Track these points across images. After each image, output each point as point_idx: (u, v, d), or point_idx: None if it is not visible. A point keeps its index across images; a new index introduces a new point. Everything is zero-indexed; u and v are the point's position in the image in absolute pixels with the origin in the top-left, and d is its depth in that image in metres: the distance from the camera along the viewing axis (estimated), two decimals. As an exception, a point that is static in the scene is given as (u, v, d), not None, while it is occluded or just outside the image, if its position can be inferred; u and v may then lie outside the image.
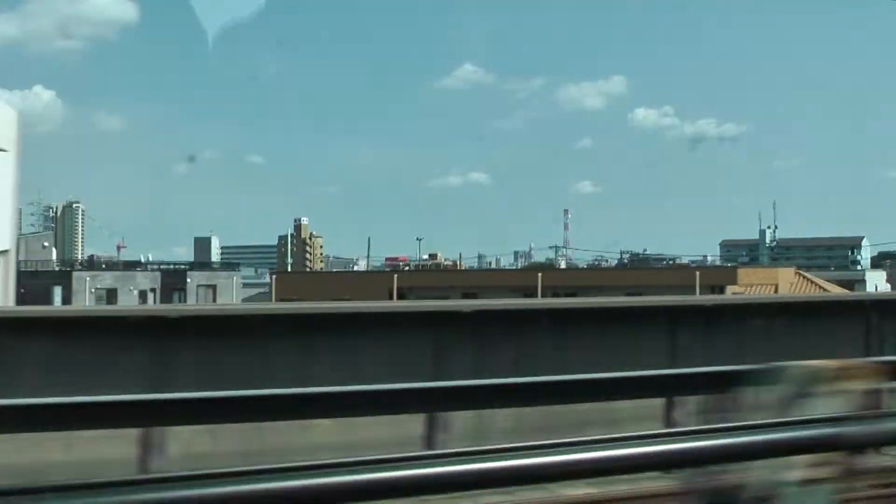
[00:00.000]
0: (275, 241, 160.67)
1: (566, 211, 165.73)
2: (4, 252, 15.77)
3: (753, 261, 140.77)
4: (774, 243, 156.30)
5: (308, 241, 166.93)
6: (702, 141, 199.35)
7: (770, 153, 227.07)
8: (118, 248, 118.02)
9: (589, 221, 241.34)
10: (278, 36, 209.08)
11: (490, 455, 2.38)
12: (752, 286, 41.73)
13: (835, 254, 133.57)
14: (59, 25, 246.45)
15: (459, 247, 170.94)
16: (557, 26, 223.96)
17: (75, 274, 53.46)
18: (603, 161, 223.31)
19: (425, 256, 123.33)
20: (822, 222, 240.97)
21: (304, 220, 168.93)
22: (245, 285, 61.29)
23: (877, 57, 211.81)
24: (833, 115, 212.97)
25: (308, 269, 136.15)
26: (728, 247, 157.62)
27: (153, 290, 53.53)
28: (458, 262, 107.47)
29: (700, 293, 35.00)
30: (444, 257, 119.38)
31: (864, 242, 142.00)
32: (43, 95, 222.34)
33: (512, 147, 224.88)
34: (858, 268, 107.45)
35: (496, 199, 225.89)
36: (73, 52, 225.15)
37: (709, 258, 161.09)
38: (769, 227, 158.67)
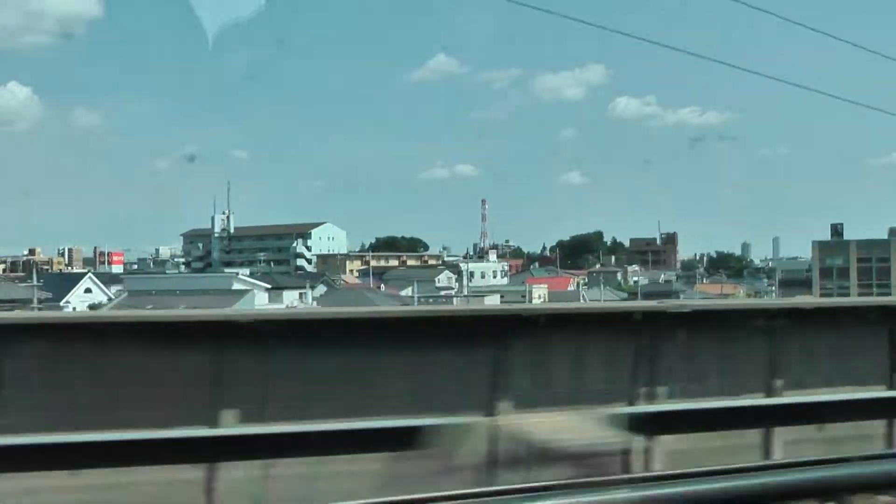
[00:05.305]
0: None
1: (483, 201, 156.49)
2: None
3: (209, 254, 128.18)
4: (226, 233, 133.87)
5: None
6: (693, 133, 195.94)
7: (756, 143, 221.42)
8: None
9: (583, 213, 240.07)
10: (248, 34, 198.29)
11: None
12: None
13: (285, 243, 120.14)
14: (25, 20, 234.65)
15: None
16: (526, 15, 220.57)
17: None
18: (589, 151, 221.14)
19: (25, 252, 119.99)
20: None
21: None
22: None
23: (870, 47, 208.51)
24: (820, 108, 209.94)
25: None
26: (191, 238, 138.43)
27: None
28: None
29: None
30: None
31: (320, 232, 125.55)
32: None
33: (495, 138, 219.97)
34: (305, 261, 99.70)
35: (486, 192, 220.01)
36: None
37: (171, 250, 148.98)
38: (224, 214, 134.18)
